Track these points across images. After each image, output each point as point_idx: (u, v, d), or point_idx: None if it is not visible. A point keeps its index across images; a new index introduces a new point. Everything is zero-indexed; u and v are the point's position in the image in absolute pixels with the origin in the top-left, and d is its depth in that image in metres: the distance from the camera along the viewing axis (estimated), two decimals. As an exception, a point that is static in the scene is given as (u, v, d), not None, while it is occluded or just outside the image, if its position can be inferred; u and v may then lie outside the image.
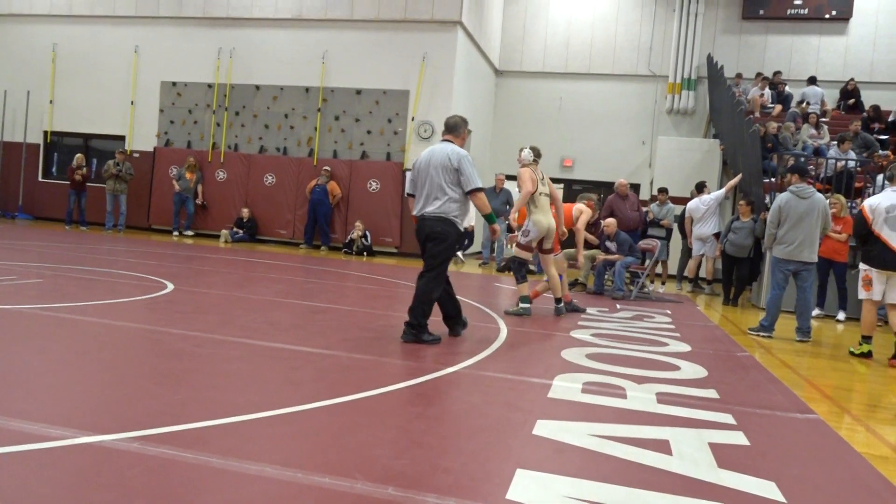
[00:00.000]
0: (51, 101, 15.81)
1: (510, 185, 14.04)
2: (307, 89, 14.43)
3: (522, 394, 3.72)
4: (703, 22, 15.98)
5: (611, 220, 9.52)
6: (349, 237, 13.66)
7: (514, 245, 7.27)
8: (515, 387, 3.86)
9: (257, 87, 14.66)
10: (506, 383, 3.92)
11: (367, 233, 13.56)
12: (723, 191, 11.08)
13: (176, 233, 14.37)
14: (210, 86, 14.89)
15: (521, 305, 6.83)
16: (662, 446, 2.95)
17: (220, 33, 14.85)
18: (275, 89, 14.58)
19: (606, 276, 9.62)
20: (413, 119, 13.95)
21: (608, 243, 9.45)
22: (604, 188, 14.90)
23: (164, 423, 2.71)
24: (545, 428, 3.07)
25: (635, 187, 15.11)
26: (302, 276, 9.02)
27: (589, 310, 7.66)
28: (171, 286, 6.66)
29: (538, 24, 17.01)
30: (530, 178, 6.88)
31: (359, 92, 14.19)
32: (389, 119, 14.08)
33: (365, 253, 13.40)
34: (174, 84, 15.10)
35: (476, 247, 16.08)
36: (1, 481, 2.11)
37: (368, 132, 14.19)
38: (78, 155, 14.68)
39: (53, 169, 16.15)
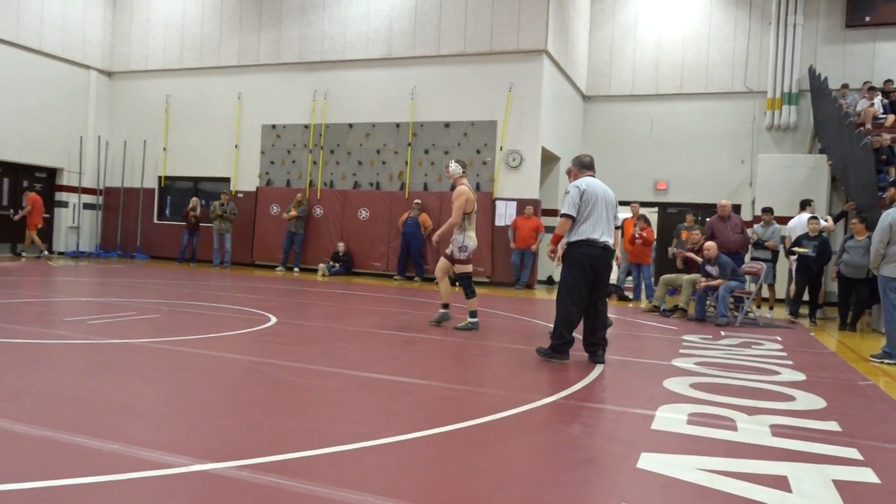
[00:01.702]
0: (164, 149, 17.04)
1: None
2: (398, 125, 14.84)
3: (624, 425, 3.59)
4: (803, 33, 15.26)
5: (710, 244, 9.15)
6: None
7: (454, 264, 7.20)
8: (616, 418, 3.74)
9: (350, 126, 15.22)
10: (606, 414, 3.81)
11: (459, 263, 13.64)
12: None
13: (280, 268, 15.00)
14: (307, 127, 15.60)
15: (470, 320, 6.98)
16: (780, 482, 2.76)
17: (315, 76, 15.58)
18: (367, 126, 15.09)
19: (708, 302, 9.23)
20: (501, 149, 14.04)
21: (709, 267, 9.07)
22: (700, 210, 14.37)
23: (271, 451, 2.81)
24: (650, 461, 2.95)
25: (736, 208, 14.47)
26: (396, 307, 9.18)
27: (691, 337, 7.35)
28: (274, 319, 6.94)
29: (626, 46, 16.81)
30: (468, 197, 6.99)
31: (447, 125, 14.44)
32: (478, 150, 14.23)
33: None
34: (274, 126, 15.93)
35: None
36: (126, 506, 2.25)
37: (458, 164, 14.36)
38: (193, 198, 15.73)
39: (167, 211, 17.34)
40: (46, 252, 15.32)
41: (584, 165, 5.69)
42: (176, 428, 3.18)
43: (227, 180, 16.38)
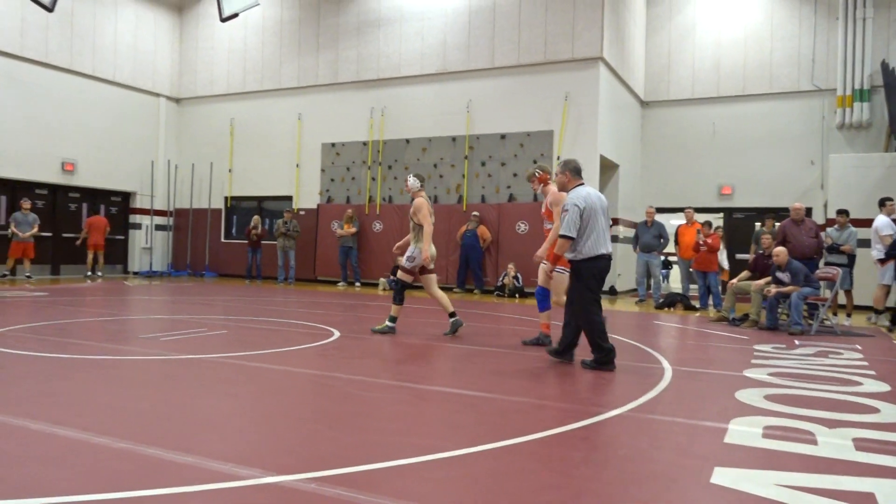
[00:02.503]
0: (230, 170, 17.64)
1: (661, 218, 13.51)
2: (454, 138, 14.93)
3: (695, 438, 3.48)
4: (874, 27, 14.61)
5: (780, 249, 8.80)
6: (501, 280, 13.76)
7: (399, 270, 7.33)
8: (687, 431, 3.62)
9: (407, 141, 15.40)
10: (676, 427, 3.69)
11: (519, 275, 13.58)
12: None
13: (342, 283, 15.26)
14: (365, 144, 15.88)
15: (387, 324, 7.13)
16: (867, 500, 2.61)
17: (372, 94, 15.86)
18: (423, 141, 15.24)
19: (780, 310, 8.87)
20: (558, 158, 13.92)
21: (779, 274, 8.73)
22: (769, 214, 13.85)
23: (339, 464, 2.84)
24: (724, 476, 2.84)
25: (807, 211, 13.91)
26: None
27: (763, 347, 7.07)
28: (337, 333, 7.05)
29: (684, 49, 16.47)
30: (428, 209, 7.18)
31: (503, 136, 14.44)
32: (535, 160, 14.14)
33: (517, 295, 13.41)
34: (333, 145, 16.28)
35: (631, 283, 15.54)
36: (200, 517, 2.31)
37: (514, 175, 14.34)
38: (255, 217, 16.24)
39: (233, 230, 17.92)
40: (92, 273, 15.85)
41: (577, 172, 5.67)
42: (246, 441, 3.25)
43: (289, 199, 16.81)
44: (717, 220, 15.63)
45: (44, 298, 10.08)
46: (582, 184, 5.62)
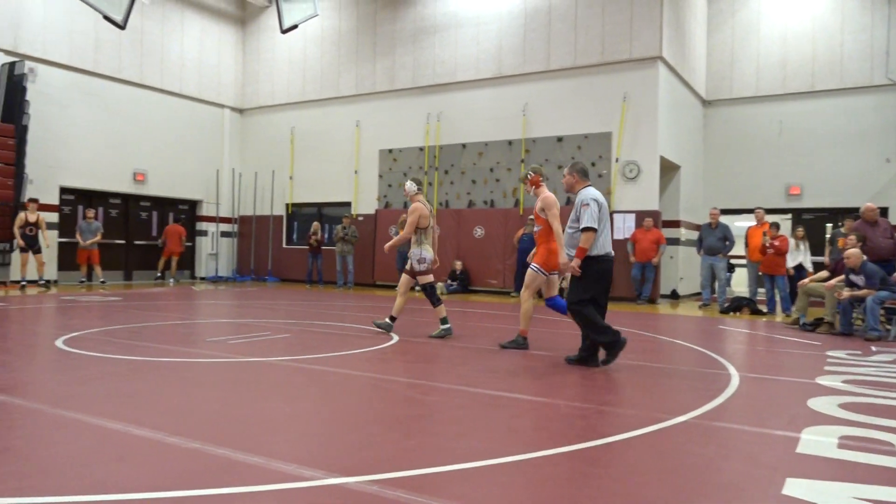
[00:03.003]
0: (290, 177, 18.07)
1: (725, 219, 13.13)
2: (510, 142, 14.89)
3: (765, 448, 3.35)
4: (955, 15, 13.83)
5: (853, 251, 8.41)
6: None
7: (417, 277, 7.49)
8: (756, 440, 3.50)
9: (463, 146, 15.44)
10: (744, 436, 3.57)
11: (577, 278, 13.41)
12: None
13: (398, 287, 15.40)
14: (421, 149, 16.00)
15: (442, 327, 7.23)
16: (955, 515, 2.47)
17: (429, 100, 15.97)
18: (480, 145, 15.25)
19: (855, 314, 8.47)
20: (617, 160, 13.71)
21: (853, 277, 8.34)
22: (840, 215, 13.27)
23: (399, 467, 2.86)
24: (797, 488, 2.73)
25: (883, 211, 13.25)
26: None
27: (837, 353, 6.77)
28: (396, 338, 7.12)
29: (748, 45, 15.97)
30: (421, 213, 7.33)
31: (560, 139, 14.31)
32: (593, 162, 13.97)
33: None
34: (390, 151, 16.47)
35: (694, 287, 15.15)
36: (267, 516, 2.37)
37: (572, 178, 14.16)
38: (314, 223, 16.58)
39: (294, 236, 18.34)
40: (161, 277, 16.50)
41: (584, 174, 5.80)
42: (310, 442, 3.32)
43: (348, 204, 17.09)
44: (786, 222, 15.06)
45: (117, 303, 10.55)
46: (589, 185, 5.74)
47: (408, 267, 7.44)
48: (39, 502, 2.38)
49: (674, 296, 14.61)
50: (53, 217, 14.70)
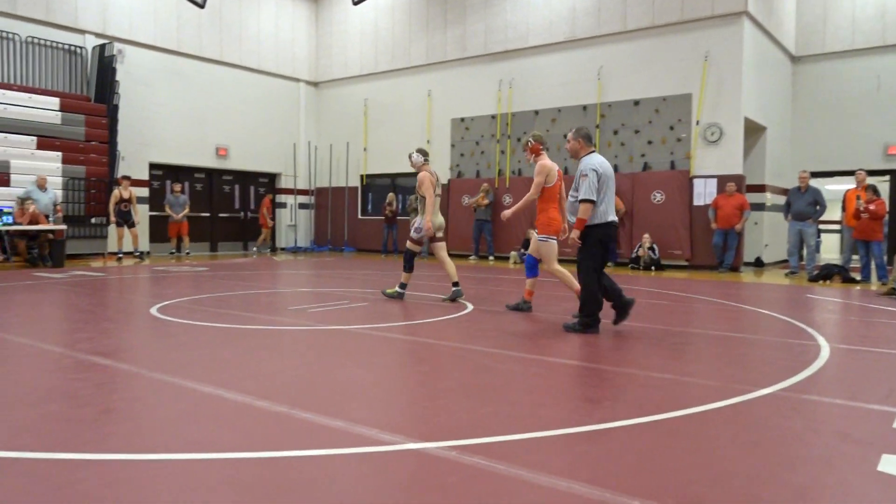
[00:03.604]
0: (364, 149, 18.31)
1: (815, 183, 12.44)
2: (584, 107, 14.53)
3: (858, 422, 3.21)
4: None
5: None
6: (635, 252, 13.32)
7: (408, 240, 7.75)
8: (848, 414, 3.35)
9: (536, 112, 15.19)
10: (835, 409, 3.43)
11: (655, 246, 13.08)
12: None
13: (473, 257, 15.47)
14: (493, 117, 15.85)
15: (398, 290, 7.62)
16: None
17: (500, 66, 15.75)
18: (553, 112, 14.97)
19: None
20: (697, 123, 13.17)
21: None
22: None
23: (476, 434, 2.91)
24: (894, 465, 2.60)
25: None
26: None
27: (939, 323, 6.36)
28: (470, 307, 7.17)
29: (843, -4, 14.88)
30: (431, 182, 7.46)
31: (637, 103, 13.86)
32: (671, 126, 13.47)
33: (653, 267, 12.94)
34: (462, 120, 16.40)
35: (780, 254, 14.52)
36: (348, 477, 2.46)
37: (649, 142, 13.75)
38: (389, 194, 16.81)
39: (369, 207, 18.64)
40: (262, 250, 17.26)
41: (589, 139, 5.77)
42: (389, 408, 3.41)
43: (420, 175, 17.17)
44: (883, 184, 14.14)
45: (204, 273, 11.07)
46: (594, 151, 5.74)
47: (417, 237, 7.65)
48: (141, 459, 2.56)
49: (758, 264, 14.03)
50: (144, 192, 15.49)
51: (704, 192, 13.11)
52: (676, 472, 2.52)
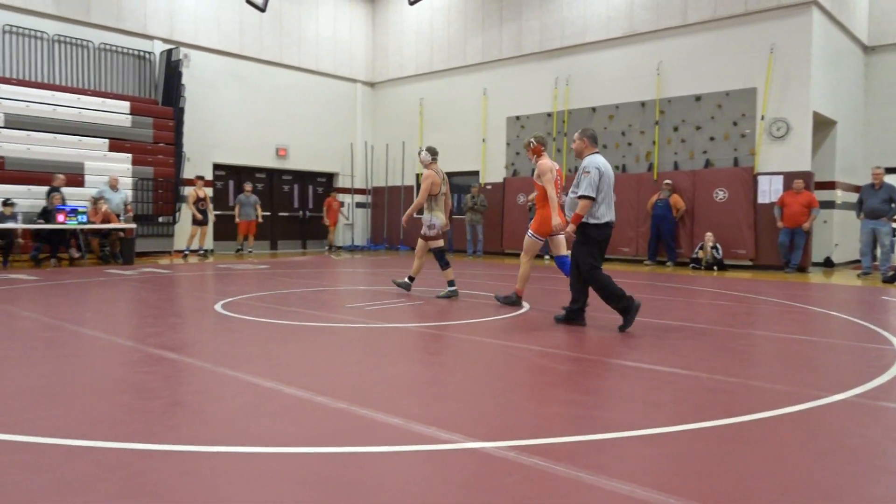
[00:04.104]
0: (419, 148, 18.39)
1: (891, 179, 11.85)
2: (643, 104, 14.23)
3: (941, 431, 3.03)
4: None
5: None
6: (696, 251, 12.98)
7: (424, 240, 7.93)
8: (930, 422, 3.17)
9: (593, 109, 14.97)
10: (915, 417, 3.25)
11: (718, 246, 12.71)
12: None
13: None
14: (549, 115, 15.70)
15: (449, 289, 7.65)
16: None
17: (556, 63, 15.59)
18: (610, 108, 14.72)
19: None
20: (763, 118, 12.72)
21: None
22: None
23: (535, 434, 2.88)
24: (983, 477, 2.45)
25: None
26: (649, 292, 8.83)
27: None
28: (526, 306, 7.12)
29: (922, -18, 14.12)
30: (433, 181, 7.76)
31: (698, 98, 13.49)
32: (735, 122, 13.06)
33: (715, 267, 12.57)
34: (518, 118, 16.30)
35: (851, 254, 13.91)
36: (407, 474, 2.47)
37: (711, 139, 13.36)
38: (443, 192, 16.85)
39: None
40: (330, 248, 17.62)
41: (594, 140, 5.86)
42: (446, 407, 3.42)
43: (476, 173, 17.18)
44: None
45: (265, 271, 11.34)
46: (597, 151, 5.83)
47: (421, 232, 7.90)
48: (207, 451, 2.63)
49: (828, 264, 13.47)
50: (208, 192, 15.97)
51: (769, 190, 12.66)
52: (744, 479, 2.43)
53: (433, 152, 8.00)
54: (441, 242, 7.89)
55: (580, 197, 5.57)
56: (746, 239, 12.84)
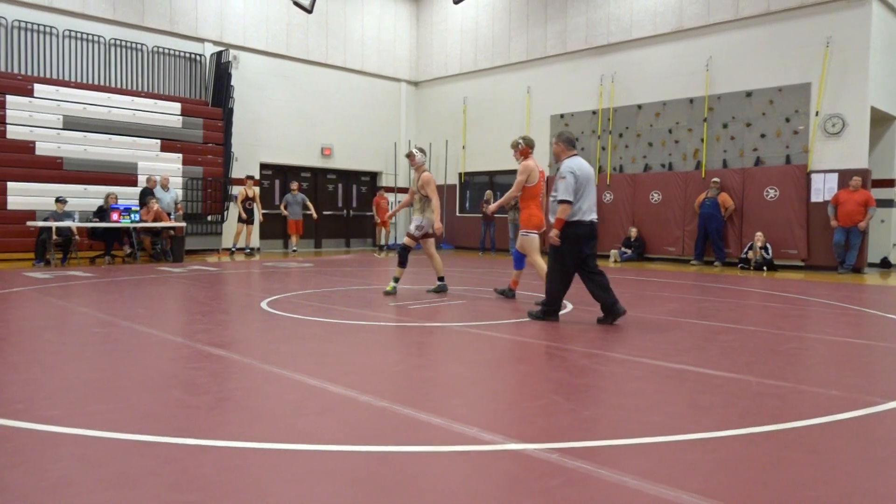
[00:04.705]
0: (463, 147, 18.41)
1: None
2: (691, 100, 13.95)
3: None
4: None
5: None
6: (745, 251, 12.66)
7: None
8: None
9: (639, 107, 14.73)
10: (980, 427, 3.10)
11: (768, 245, 12.37)
12: None
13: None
14: (594, 112, 15.52)
15: (392, 285, 7.79)
16: None
17: (602, 60, 15.39)
18: (657, 105, 14.46)
19: None
20: (817, 114, 12.32)
21: None
22: None
23: (579, 437, 2.85)
24: None
25: None
26: (696, 293, 8.66)
27: None
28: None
29: None
30: (435, 183, 7.84)
31: (749, 94, 13.14)
32: (787, 118, 12.69)
33: (765, 268, 12.24)
34: (562, 116, 16.16)
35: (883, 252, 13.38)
36: (450, 474, 2.48)
37: (762, 136, 13.01)
38: (487, 191, 16.82)
39: (467, 204, 18.74)
40: (381, 248, 17.77)
41: (570, 143, 6.06)
42: (488, 407, 3.41)
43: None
44: None
45: (310, 269, 11.51)
46: (575, 154, 6.02)
47: (418, 234, 7.89)
48: (254, 447, 2.69)
49: (885, 265, 12.97)
50: (256, 191, 16.30)
51: (823, 188, 12.26)
52: (796, 487, 2.37)
53: (424, 152, 8.06)
54: (415, 244, 7.93)
55: (559, 201, 5.81)
56: (798, 239, 12.47)
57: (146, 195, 12.69)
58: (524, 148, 7.36)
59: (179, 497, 2.21)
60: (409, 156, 7.99)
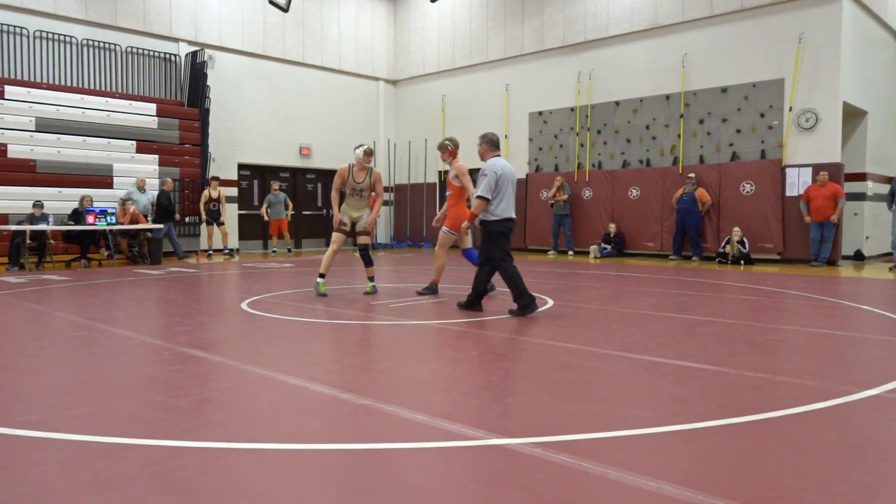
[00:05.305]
0: (442, 145, 18.38)
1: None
2: (667, 97, 14.08)
3: (979, 428, 2.96)
4: None
5: None
6: (723, 246, 12.82)
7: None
8: (966, 418, 3.09)
9: (617, 104, 14.84)
10: (951, 413, 3.17)
11: (745, 240, 12.54)
12: None
13: (552, 252, 15.31)
14: (572, 109, 15.60)
15: (318, 281, 7.66)
16: None
17: (579, 58, 15.48)
18: (634, 102, 14.58)
19: None
20: (791, 109, 12.51)
21: None
22: None
23: (561, 431, 2.87)
24: None
25: None
26: (675, 287, 8.75)
27: None
28: (551, 302, 7.09)
29: (956, -33, 13.76)
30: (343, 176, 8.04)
31: (724, 90, 13.30)
32: (762, 113, 12.86)
33: (742, 261, 12.41)
34: (540, 113, 16.22)
35: (882, 247, 13.64)
36: (434, 470, 2.48)
37: (738, 131, 13.18)
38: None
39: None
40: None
41: (493, 144, 6.40)
42: (471, 403, 3.42)
43: (498, 170, 17.10)
44: None
45: (289, 269, 11.44)
46: (498, 155, 6.36)
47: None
48: (236, 447, 2.67)
49: (858, 257, 13.21)
50: (233, 191, 16.15)
51: (798, 182, 12.45)
52: (774, 476, 2.40)
53: (370, 152, 7.99)
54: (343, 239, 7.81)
55: (477, 197, 6.13)
56: (774, 232, 12.65)
57: (147, 197, 13.32)
58: (453, 149, 7.65)
59: (161, 499, 2.19)
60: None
